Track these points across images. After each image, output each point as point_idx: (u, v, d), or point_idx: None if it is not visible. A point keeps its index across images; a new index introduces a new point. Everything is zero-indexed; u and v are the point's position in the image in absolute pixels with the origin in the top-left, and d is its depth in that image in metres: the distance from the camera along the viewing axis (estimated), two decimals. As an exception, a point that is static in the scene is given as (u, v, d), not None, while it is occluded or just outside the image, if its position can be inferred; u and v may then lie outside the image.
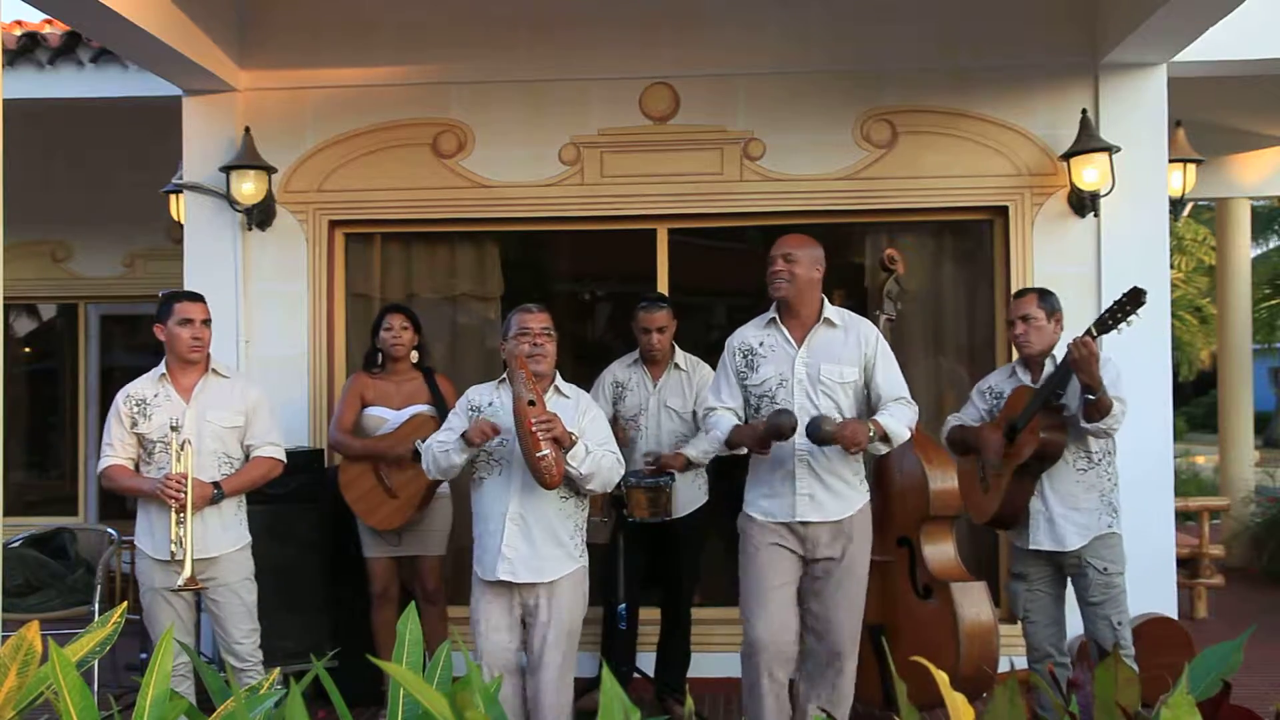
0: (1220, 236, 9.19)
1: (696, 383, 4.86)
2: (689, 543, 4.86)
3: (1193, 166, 6.33)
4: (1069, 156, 5.14)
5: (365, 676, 4.19)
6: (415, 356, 4.84)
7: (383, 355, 4.80)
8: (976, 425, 4.10)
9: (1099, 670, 1.59)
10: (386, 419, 4.73)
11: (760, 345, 3.80)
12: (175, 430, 3.92)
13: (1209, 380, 19.61)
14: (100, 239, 7.72)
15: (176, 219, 6.13)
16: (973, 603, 4.40)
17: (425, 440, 3.80)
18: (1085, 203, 5.17)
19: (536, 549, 3.58)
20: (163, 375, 4.09)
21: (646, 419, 4.84)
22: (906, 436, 3.70)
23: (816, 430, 3.54)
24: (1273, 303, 17.75)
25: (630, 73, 5.41)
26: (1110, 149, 5.06)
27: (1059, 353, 3.95)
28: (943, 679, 1.51)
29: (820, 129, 5.35)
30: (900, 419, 3.66)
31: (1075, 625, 4.19)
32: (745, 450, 3.84)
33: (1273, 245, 19.34)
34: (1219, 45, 5.11)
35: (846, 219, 5.46)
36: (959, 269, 5.65)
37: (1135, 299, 3.68)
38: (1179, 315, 18.85)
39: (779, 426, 3.55)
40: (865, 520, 3.80)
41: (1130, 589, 3.95)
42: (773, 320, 3.83)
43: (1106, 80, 5.26)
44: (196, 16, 4.97)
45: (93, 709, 1.58)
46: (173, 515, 3.85)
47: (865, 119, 5.36)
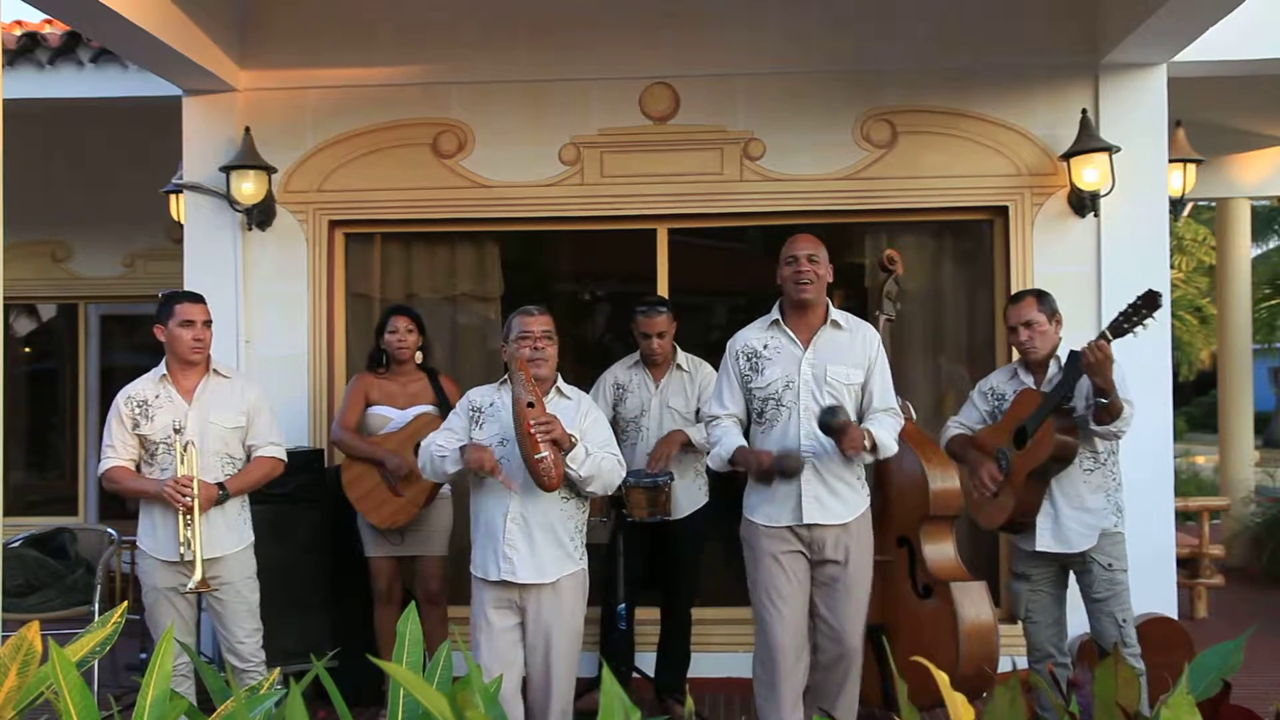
0: (1220, 236, 9.19)
1: (699, 382, 4.86)
2: (689, 543, 4.85)
3: (1193, 166, 6.33)
4: (1069, 156, 5.14)
5: (366, 676, 4.20)
6: (419, 358, 4.84)
7: (387, 357, 4.81)
8: (978, 433, 4.08)
9: (1099, 670, 1.59)
10: (391, 418, 4.73)
11: (764, 348, 3.77)
12: (179, 432, 3.92)
13: (1209, 380, 19.60)
14: (100, 239, 7.72)
15: (176, 219, 6.13)
16: (973, 602, 4.40)
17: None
18: (1085, 203, 5.17)
19: (537, 550, 3.57)
20: (163, 376, 4.07)
21: (648, 420, 4.83)
22: (894, 450, 3.72)
23: (832, 417, 3.52)
24: (1273, 303, 17.76)
25: (630, 73, 5.41)
26: (1110, 149, 5.06)
27: (1062, 353, 3.93)
28: (943, 679, 1.51)
29: (820, 129, 5.35)
30: (890, 431, 3.69)
31: (1076, 625, 4.20)
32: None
33: (1273, 245, 19.33)
34: (1219, 45, 5.12)
35: (846, 219, 5.47)
36: (959, 269, 5.65)
37: (1150, 302, 3.65)
38: (1179, 315, 18.86)
39: (786, 469, 3.57)
40: (867, 523, 3.79)
41: (1130, 589, 3.95)
42: (775, 322, 3.79)
43: (1106, 80, 5.26)
44: (196, 16, 4.97)
45: (93, 709, 1.58)
46: (180, 518, 3.85)
47: (865, 119, 5.36)
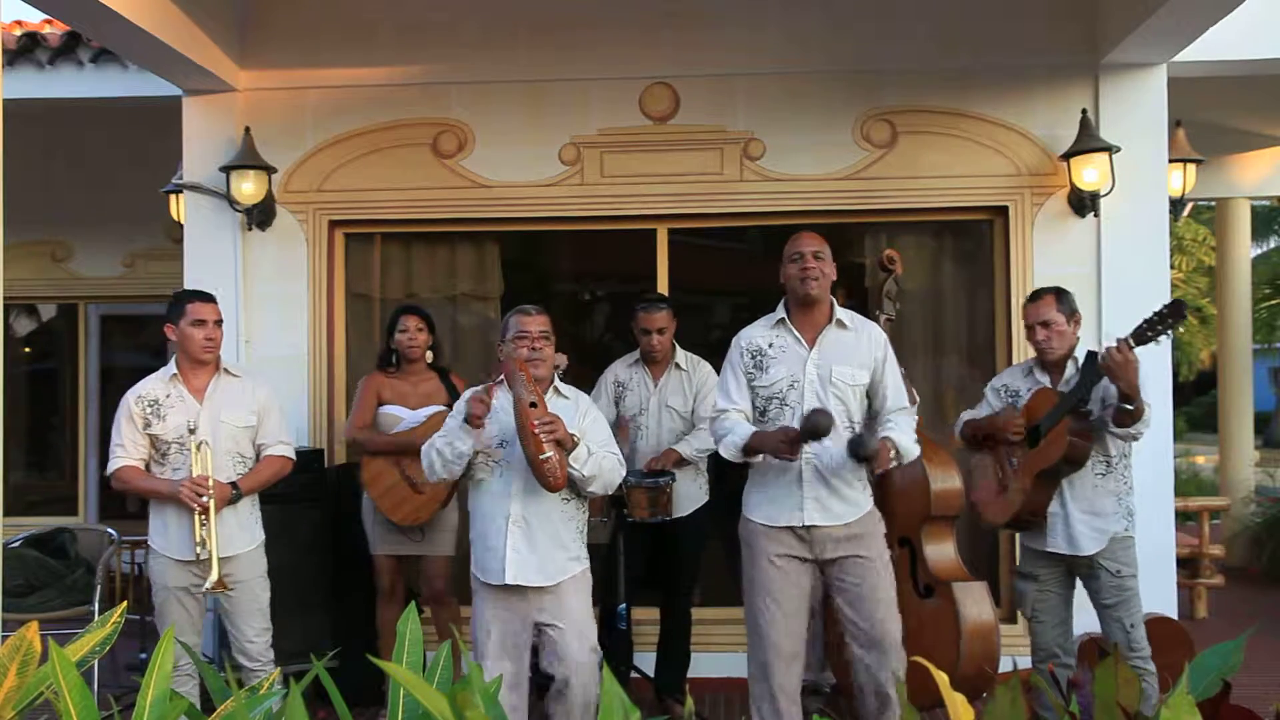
0: (1220, 236, 9.19)
1: (697, 382, 4.86)
2: (689, 543, 4.85)
3: (1193, 166, 6.33)
4: (1069, 156, 5.14)
5: (366, 676, 4.20)
6: (430, 357, 4.85)
7: (397, 356, 4.81)
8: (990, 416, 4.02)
9: (1099, 670, 1.59)
10: (402, 418, 4.73)
11: (769, 346, 3.71)
12: (193, 432, 3.93)
13: (1209, 380, 19.60)
14: (100, 239, 7.73)
15: (176, 219, 6.13)
16: (974, 602, 4.40)
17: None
18: (1085, 203, 5.17)
19: (539, 552, 3.55)
20: (174, 375, 4.05)
21: (647, 418, 4.83)
22: (916, 453, 3.67)
23: (863, 447, 3.45)
24: (1273, 303, 17.76)
25: (630, 73, 5.41)
26: (1110, 149, 5.06)
27: (1079, 353, 3.87)
28: (943, 679, 1.51)
29: (820, 129, 5.35)
30: (909, 434, 3.63)
31: (1083, 625, 4.19)
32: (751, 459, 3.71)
33: (1273, 245, 19.34)
34: (1219, 45, 5.12)
35: (846, 219, 5.46)
36: (959, 269, 5.65)
37: (1177, 312, 3.58)
38: (1179, 315, 18.80)
39: (816, 426, 3.39)
40: (874, 522, 3.72)
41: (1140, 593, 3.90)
42: (781, 320, 3.74)
43: (1106, 80, 5.26)
44: (196, 16, 4.97)
45: (93, 709, 1.58)
46: (196, 517, 3.85)
47: (865, 119, 5.36)
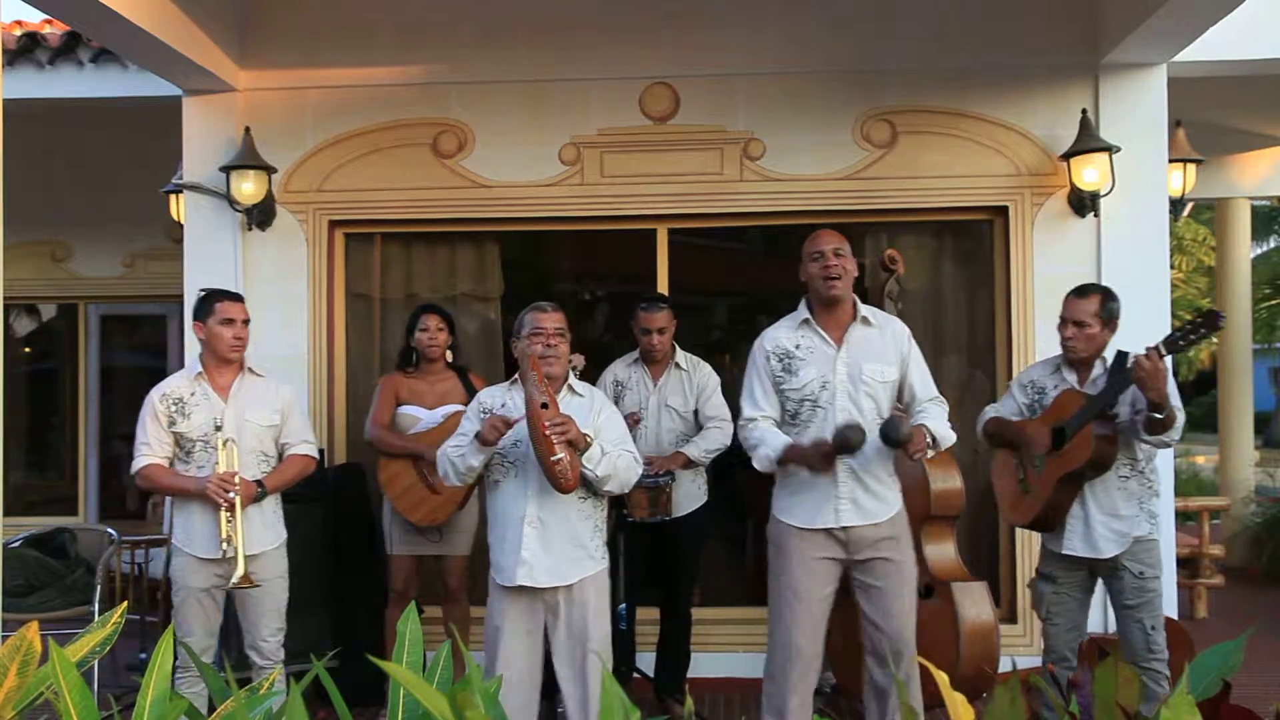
0: (1220, 236, 9.19)
1: (697, 382, 4.86)
2: (689, 543, 4.85)
3: (1193, 166, 6.33)
4: (1069, 156, 5.14)
5: (368, 676, 4.19)
6: (449, 356, 4.86)
7: (417, 355, 4.82)
8: (1016, 420, 3.97)
9: (1099, 670, 1.59)
10: (420, 418, 4.75)
11: (796, 348, 3.65)
12: (219, 429, 3.94)
13: (1209, 380, 19.60)
14: (100, 239, 7.73)
15: (176, 219, 6.13)
16: (973, 603, 4.41)
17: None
18: (1085, 203, 5.17)
19: (556, 552, 3.49)
20: (199, 374, 4.07)
21: (647, 418, 4.83)
22: (951, 439, 3.63)
23: (895, 431, 3.43)
24: (1273, 303, 17.77)
25: (630, 73, 5.41)
26: (1110, 149, 5.06)
27: (1109, 352, 3.80)
28: (943, 679, 1.51)
29: (820, 129, 5.35)
30: (943, 421, 3.61)
31: (1092, 626, 4.17)
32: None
33: (1273, 245, 19.35)
34: (1219, 45, 5.12)
35: (846, 219, 5.44)
36: (959, 269, 5.65)
37: (1211, 323, 3.51)
38: (1179, 315, 18.83)
39: (848, 441, 3.39)
40: (904, 522, 3.72)
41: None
42: (806, 320, 3.68)
43: (1106, 80, 5.26)
44: (196, 16, 4.97)
45: (93, 709, 1.58)
46: (223, 515, 3.87)
47: (865, 119, 5.36)
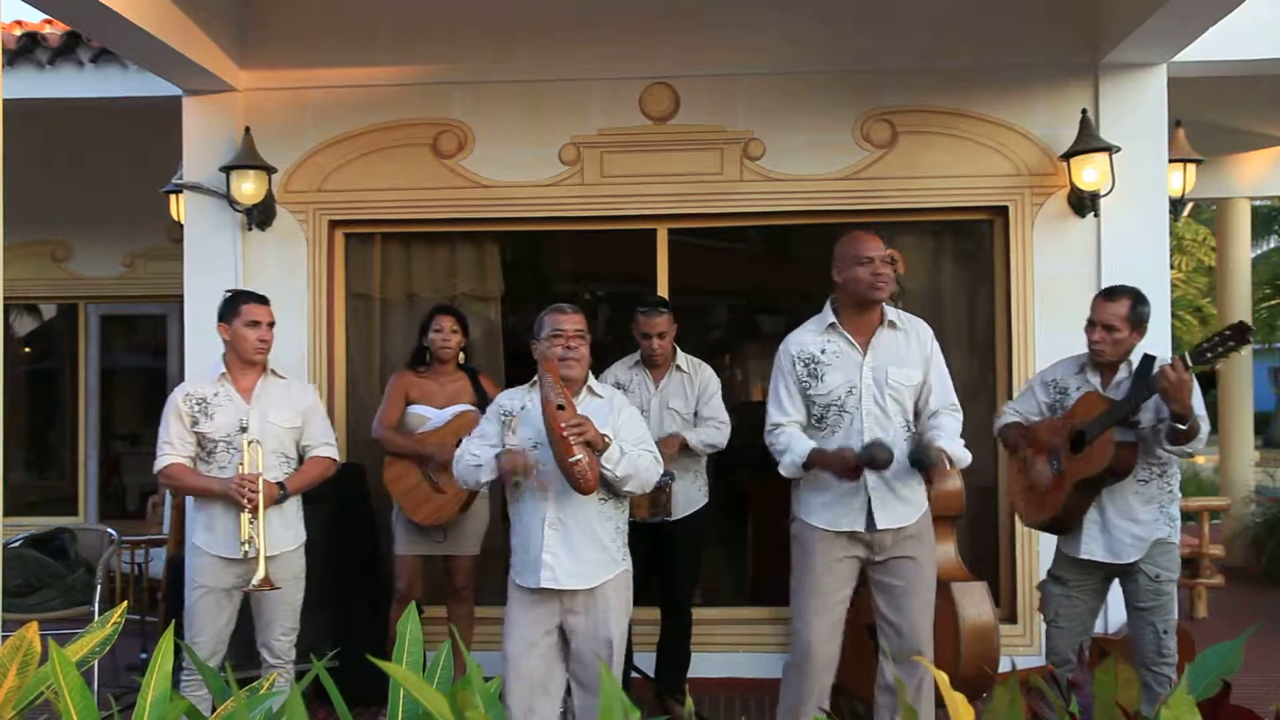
0: (1220, 236, 9.20)
1: (698, 384, 4.86)
2: (689, 543, 4.85)
3: (1193, 166, 6.33)
4: (1069, 156, 5.14)
5: (369, 675, 4.20)
6: (461, 358, 4.88)
7: (430, 355, 4.83)
8: (1034, 422, 3.95)
9: (1099, 670, 1.59)
10: (429, 418, 4.77)
11: (823, 352, 3.65)
12: (244, 431, 3.96)
13: (1209, 380, 19.62)
14: (100, 239, 7.74)
15: (176, 219, 6.13)
16: (974, 603, 4.41)
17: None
18: (1085, 203, 5.17)
19: (577, 554, 3.47)
20: (222, 375, 4.10)
21: (648, 421, 4.82)
22: (968, 460, 3.62)
23: (925, 458, 3.45)
24: (1273, 303, 17.79)
25: (630, 73, 5.41)
26: (1110, 149, 5.06)
27: (1135, 356, 3.76)
28: (943, 679, 1.51)
29: (820, 129, 5.35)
30: (958, 439, 3.60)
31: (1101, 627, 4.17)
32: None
33: (1273, 245, 19.35)
34: (1219, 45, 5.11)
35: (846, 219, 5.44)
36: (959, 269, 5.65)
37: (1240, 336, 3.45)
38: (1179, 315, 18.86)
39: (875, 459, 3.42)
40: (928, 523, 3.73)
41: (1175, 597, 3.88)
42: (832, 324, 3.67)
43: (1106, 80, 5.25)
44: (196, 17, 4.97)
45: (93, 709, 1.58)
46: (245, 516, 3.89)
47: (865, 119, 5.36)
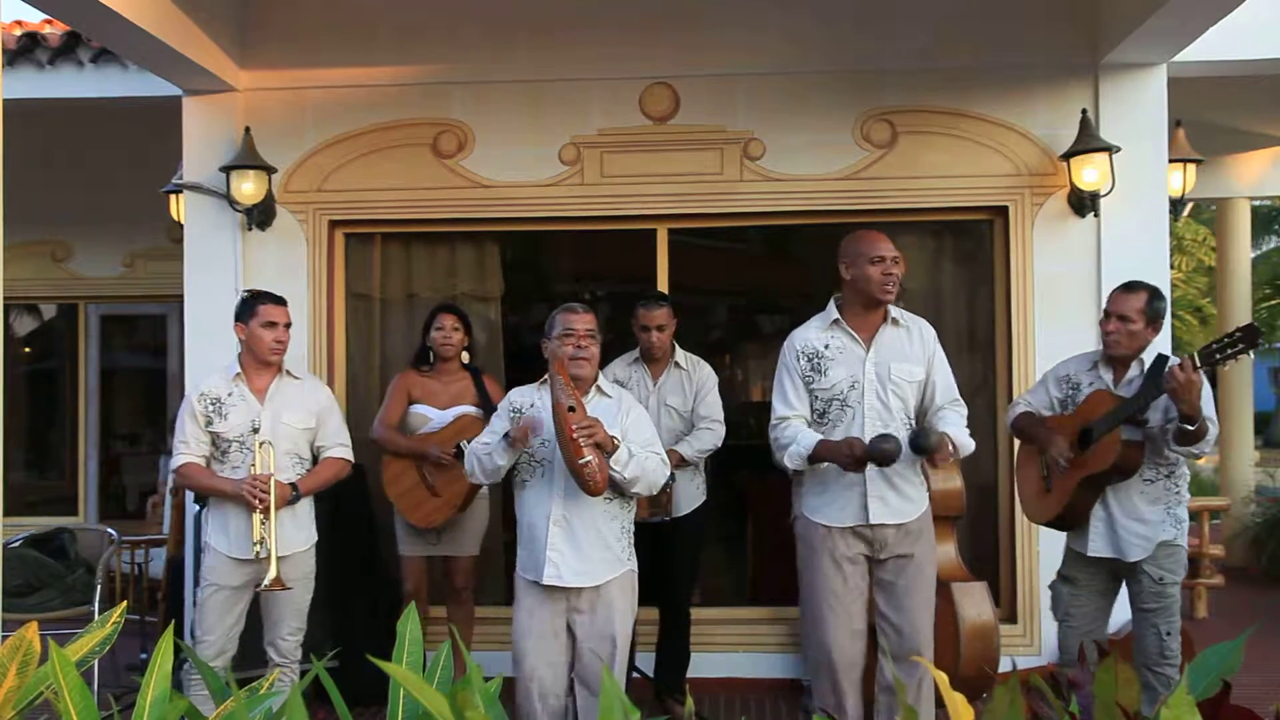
0: (1220, 236, 9.20)
1: (696, 382, 4.86)
2: (688, 543, 4.85)
3: (1193, 166, 6.33)
4: (1069, 156, 5.13)
5: (369, 675, 4.21)
6: (465, 357, 4.88)
7: (433, 354, 4.83)
8: (1045, 416, 3.94)
9: (1099, 670, 1.59)
10: (431, 418, 4.76)
11: (826, 348, 3.69)
12: (256, 431, 3.98)
13: (1209, 381, 19.58)
14: (100, 239, 7.74)
15: (176, 219, 6.13)
16: (974, 603, 4.41)
17: (470, 441, 3.78)
18: (1085, 203, 5.17)
19: (582, 552, 3.50)
20: (237, 375, 4.11)
21: (646, 418, 4.83)
22: (972, 447, 3.65)
23: (925, 441, 3.48)
24: (1273, 303, 17.79)
25: (630, 73, 5.41)
26: (1110, 149, 5.06)
27: (1148, 355, 3.75)
28: (942, 679, 1.51)
29: (820, 129, 5.34)
30: (962, 428, 3.63)
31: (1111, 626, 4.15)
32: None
33: (1273, 245, 19.36)
34: (1219, 45, 5.11)
35: (846, 219, 5.44)
36: (959, 269, 5.65)
37: (1251, 338, 3.44)
38: (1179, 315, 18.86)
39: (883, 453, 3.45)
40: (929, 520, 3.75)
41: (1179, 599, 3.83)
42: (836, 321, 3.71)
43: (1106, 80, 5.25)
44: (196, 17, 4.97)
45: (93, 709, 1.58)
46: (256, 516, 3.91)
47: (865, 119, 5.36)
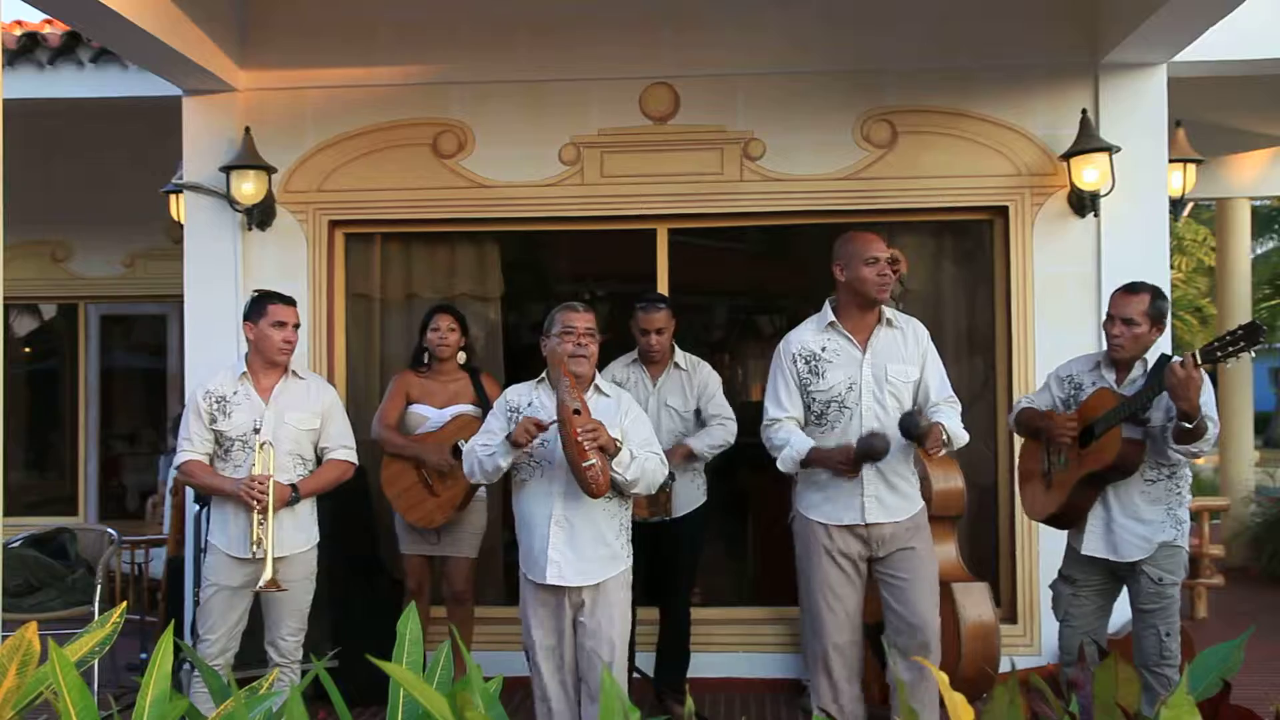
0: (1220, 236, 9.19)
1: (696, 383, 4.86)
2: (688, 543, 4.85)
3: (1193, 166, 6.32)
4: (1069, 156, 5.13)
5: (369, 675, 4.21)
6: (462, 357, 4.88)
7: (429, 354, 4.84)
8: (1047, 410, 3.94)
9: (1099, 670, 1.59)
10: (428, 418, 4.77)
11: (823, 350, 3.71)
12: (257, 432, 3.99)
13: (1210, 380, 19.58)
14: (100, 239, 7.73)
15: (176, 219, 6.13)
16: (975, 603, 4.42)
17: (468, 440, 3.80)
18: (1085, 203, 5.17)
19: (582, 551, 3.55)
20: (243, 374, 4.12)
21: (646, 419, 4.83)
22: (965, 439, 3.68)
23: (914, 425, 3.50)
24: (1273, 303, 17.79)
25: (630, 73, 5.41)
26: (1110, 149, 5.06)
27: (1152, 355, 3.76)
28: (942, 679, 1.51)
29: (820, 129, 5.34)
30: (957, 420, 3.66)
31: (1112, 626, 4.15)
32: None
33: (1273, 245, 19.36)
34: (1219, 45, 5.11)
35: (847, 219, 5.43)
36: (959, 269, 5.65)
37: (1252, 337, 3.44)
38: (1179, 315, 18.86)
39: (873, 449, 3.48)
40: (924, 515, 3.78)
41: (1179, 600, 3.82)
42: (832, 323, 3.74)
43: (1106, 80, 5.25)
44: (196, 17, 4.97)
45: (92, 709, 1.58)
46: (254, 517, 3.91)
47: (865, 119, 5.36)
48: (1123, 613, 4.03)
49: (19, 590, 5.09)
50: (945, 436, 3.57)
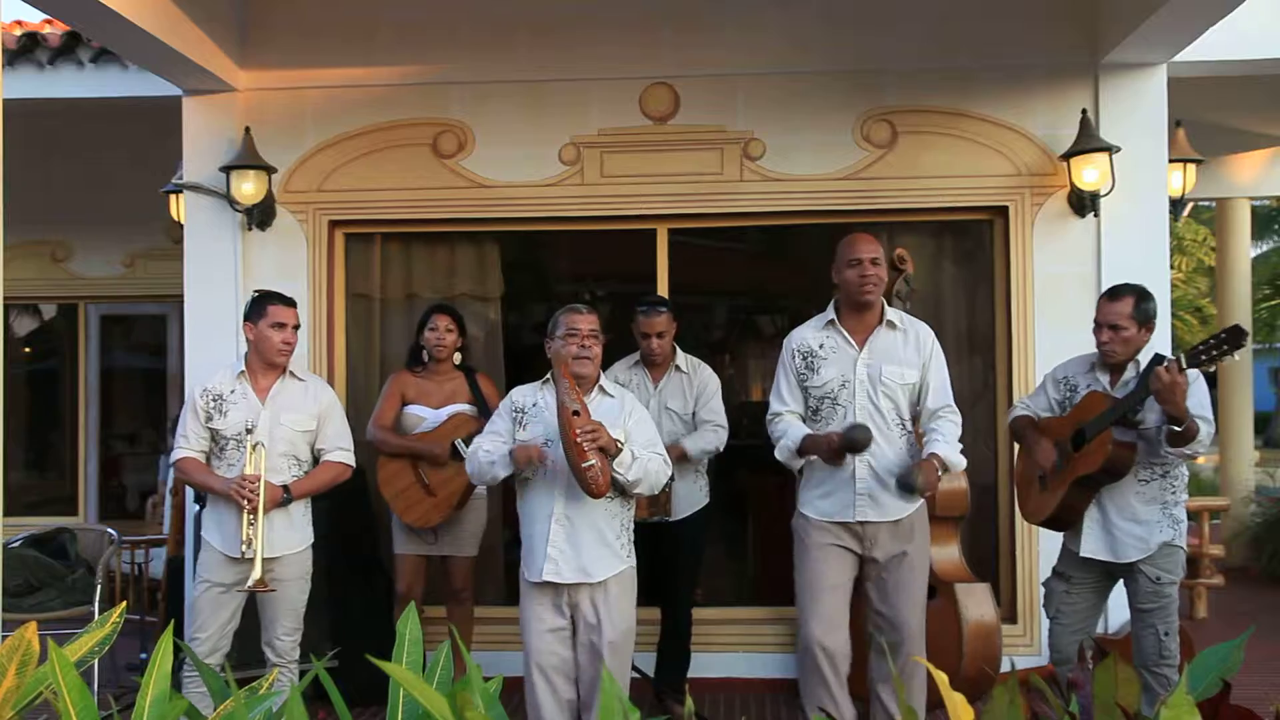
0: (1220, 236, 9.20)
1: (697, 385, 4.86)
2: (689, 543, 4.85)
3: (1193, 166, 6.32)
4: (1069, 156, 5.13)
5: (369, 675, 4.21)
6: (458, 358, 4.88)
7: (426, 354, 4.84)
8: (1043, 418, 3.95)
9: (1099, 670, 1.59)
10: (424, 418, 4.77)
11: (820, 347, 3.80)
12: (250, 432, 3.99)
13: (1209, 380, 19.58)
14: (100, 239, 7.74)
15: (176, 219, 6.13)
16: (976, 604, 4.42)
17: (463, 438, 3.80)
18: (1085, 203, 5.16)
19: (583, 550, 3.56)
20: (242, 373, 4.13)
21: (646, 420, 4.83)
22: (963, 465, 3.73)
23: (912, 482, 3.54)
24: (1273, 303, 17.80)
25: (630, 73, 5.41)
26: (1110, 149, 5.06)
27: (1145, 356, 3.76)
28: (942, 679, 1.51)
29: (820, 129, 5.34)
30: (953, 444, 3.68)
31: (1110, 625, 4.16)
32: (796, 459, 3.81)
33: (1273, 245, 19.36)
34: (1219, 45, 5.11)
35: (847, 219, 5.44)
36: (959, 269, 5.64)
37: (1235, 340, 3.45)
38: (1179, 315, 18.87)
39: (854, 441, 3.55)
40: (923, 518, 3.81)
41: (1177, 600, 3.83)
42: (831, 321, 3.82)
43: (1106, 80, 5.25)
44: (196, 17, 4.97)
45: (92, 709, 1.58)
46: (244, 516, 3.91)
47: (865, 119, 5.36)
48: (1122, 613, 4.03)
49: (19, 590, 5.10)
50: (940, 471, 3.61)
